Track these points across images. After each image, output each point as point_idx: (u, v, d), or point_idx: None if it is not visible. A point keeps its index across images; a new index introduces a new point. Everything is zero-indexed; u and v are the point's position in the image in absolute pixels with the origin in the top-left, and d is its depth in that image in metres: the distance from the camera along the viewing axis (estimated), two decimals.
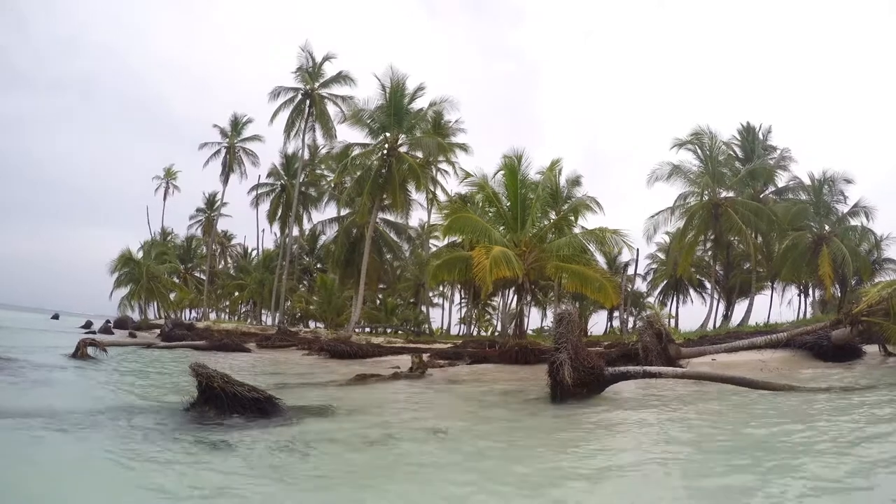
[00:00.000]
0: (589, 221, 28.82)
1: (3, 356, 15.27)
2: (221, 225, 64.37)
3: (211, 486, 5.65)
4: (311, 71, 42.60)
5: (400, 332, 44.41)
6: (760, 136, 41.43)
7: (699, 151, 36.59)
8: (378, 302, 52.19)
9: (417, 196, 38.96)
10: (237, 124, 53.25)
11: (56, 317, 78.11)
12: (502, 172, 24.23)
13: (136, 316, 52.64)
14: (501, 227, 23.26)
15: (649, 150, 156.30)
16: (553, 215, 26.71)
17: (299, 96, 42.78)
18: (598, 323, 51.04)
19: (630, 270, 49.39)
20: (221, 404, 9.19)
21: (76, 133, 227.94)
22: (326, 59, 42.85)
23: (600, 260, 28.77)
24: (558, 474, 5.92)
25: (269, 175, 53.31)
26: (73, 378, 14.38)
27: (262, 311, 59.96)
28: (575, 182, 37.09)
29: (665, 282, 51.44)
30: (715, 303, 40.94)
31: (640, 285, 55.18)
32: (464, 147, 41.51)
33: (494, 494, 5.32)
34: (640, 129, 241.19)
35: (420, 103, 35.94)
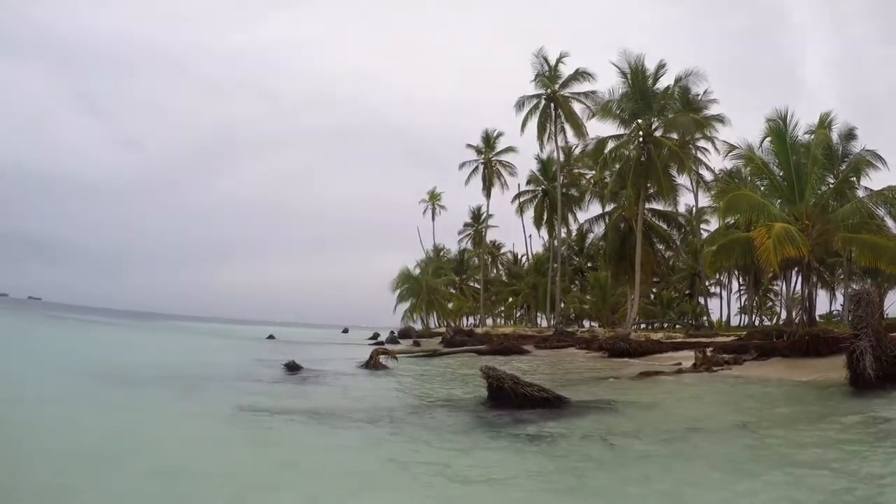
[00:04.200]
0: (872, 181, 24.24)
1: (309, 367, 17.81)
2: (489, 235, 67.96)
3: (532, 473, 6.16)
4: (548, 75, 42.98)
5: (678, 326, 41.98)
6: None
7: None
8: (652, 296, 50.16)
9: (681, 180, 36.79)
10: (489, 139, 55.75)
11: (346, 331, 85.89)
12: (768, 139, 21.59)
13: (417, 326, 57.79)
14: (777, 201, 20.63)
15: None
16: (831, 179, 22.86)
17: (543, 101, 43.46)
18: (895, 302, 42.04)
19: None
20: (510, 402, 9.82)
21: (338, 174, 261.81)
22: (560, 60, 43.01)
23: (890, 225, 23.86)
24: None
25: (528, 182, 54.79)
26: (372, 383, 16.22)
27: (537, 314, 61.88)
28: (849, 136, 31.41)
29: None
30: None
31: None
32: (720, 118, 37.66)
33: None
34: None
35: (664, 82, 34.05)
